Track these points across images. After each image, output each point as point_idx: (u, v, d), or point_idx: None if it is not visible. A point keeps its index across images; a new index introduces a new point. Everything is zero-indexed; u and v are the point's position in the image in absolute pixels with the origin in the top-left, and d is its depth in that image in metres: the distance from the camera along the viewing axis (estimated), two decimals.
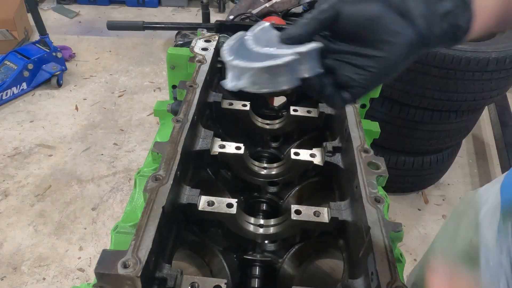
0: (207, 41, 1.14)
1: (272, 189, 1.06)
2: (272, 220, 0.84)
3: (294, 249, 0.91)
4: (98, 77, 3.50)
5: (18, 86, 3.12)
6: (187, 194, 0.76)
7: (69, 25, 4.34)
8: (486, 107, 2.83)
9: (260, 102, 1.31)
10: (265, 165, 1.02)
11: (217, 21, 1.19)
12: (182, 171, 0.75)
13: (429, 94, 1.85)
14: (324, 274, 0.89)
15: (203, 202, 0.77)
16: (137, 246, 0.55)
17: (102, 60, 3.74)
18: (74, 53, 3.72)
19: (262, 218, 0.85)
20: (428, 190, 2.58)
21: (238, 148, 0.92)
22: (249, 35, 0.60)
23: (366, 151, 0.80)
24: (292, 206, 0.80)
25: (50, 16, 4.47)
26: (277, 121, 1.12)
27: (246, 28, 1.24)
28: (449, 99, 1.86)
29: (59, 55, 3.29)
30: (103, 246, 2.13)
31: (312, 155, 0.92)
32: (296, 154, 0.93)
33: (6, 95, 3.05)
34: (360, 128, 0.86)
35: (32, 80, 3.20)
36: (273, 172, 1.00)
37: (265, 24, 0.63)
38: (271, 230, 0.82)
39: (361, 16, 0.53)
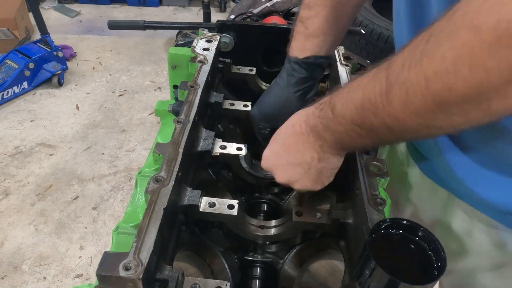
0: (209, 41, 1.14)
1: (273, 190, 1.06)
2: (273, 221, 0.84)
3: (295, 250, 0.91)
4: (99, 76, 3.50)
5: (19, 85, 3.12)
6: (188, 195, 0.76)
7: (70, 24, 4.34)
8: None
9: None
10: None
11: (218, 20, 1.19)
12: (183, 172, 0.75)
13: None
14: (325, 275, 0.89)
15: (204, 203, 0.76)
16: (139, 248, 0.55)
17: (103, 59, 3.74)
18: (75, 53, 3.72)
19: (263, 219, 0.85)
20: None
21: (239, 149, 0.92)
22: None
23: (367, 153, 0.79)
24: (293, 207, 0.80)
25: (51, 15, 4.47)
26: None
27: (246, 27, 1.23)
28: None
29: (60, 54, 3.29)
30: (103, 246, 2.13)
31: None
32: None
33: (7, 94, 3.05)
34: None
35: (33, 79, 3.20)
36: None
37: None
38: (272, 231, 0.83)
39: None
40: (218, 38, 1.15)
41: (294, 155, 0.68)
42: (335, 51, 1.14)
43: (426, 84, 0.42)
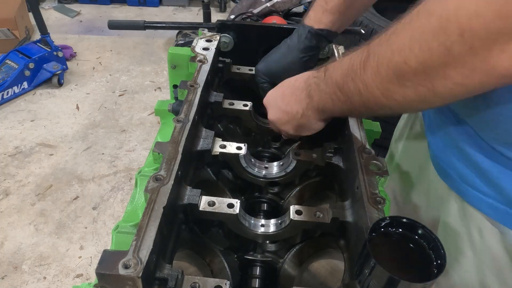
0: (208, 40, 1.14)
1: (273, 189, 1.06)
2: (273, 220, 0.84)
3: (295, 249, 0.91)
4: (99, 76, 3.50)
5: (19, 85, 3.12)
6: (188, 194, 0.76)
7: (70, 24, 4.34)
8: None
9: (262, 102, 1.31)
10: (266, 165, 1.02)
11: (218, 20, 1.19)
12: (183, 171, 0.75)
13: None
14: (324, 274, 0.89)
15: (204, 202, 0.77)
16: (138, 246, 0.55)
17: (103, 59, 3.74)
18: (75, 53, 3.72)
19: (263, 218, 0.85)
20: None
21: (239, 148, 0.92)
22: None
23: (367, 152, 0.79)
24: (292, 206, 0.80)
25: (51, 15, 4.47)
26: None
27: (246, 27, 1.23)
28: None
29: (60, 54, 3.29)
30: (103, 246, 2.13)
31: (312, 155, 0.92)
32: (297, 154, 0.93)
33: (7, 94, 3.05)
34: (361, 129, 0.86)
35: (33, 79, 3.20)
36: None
37: None
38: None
39: None
40: (218, 37, 1.16)
41: (285, 104, 0.82)
42: (335, 50, 1.15)
43: (390, 57, 0.51)
